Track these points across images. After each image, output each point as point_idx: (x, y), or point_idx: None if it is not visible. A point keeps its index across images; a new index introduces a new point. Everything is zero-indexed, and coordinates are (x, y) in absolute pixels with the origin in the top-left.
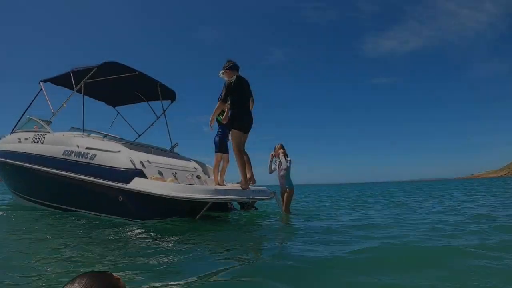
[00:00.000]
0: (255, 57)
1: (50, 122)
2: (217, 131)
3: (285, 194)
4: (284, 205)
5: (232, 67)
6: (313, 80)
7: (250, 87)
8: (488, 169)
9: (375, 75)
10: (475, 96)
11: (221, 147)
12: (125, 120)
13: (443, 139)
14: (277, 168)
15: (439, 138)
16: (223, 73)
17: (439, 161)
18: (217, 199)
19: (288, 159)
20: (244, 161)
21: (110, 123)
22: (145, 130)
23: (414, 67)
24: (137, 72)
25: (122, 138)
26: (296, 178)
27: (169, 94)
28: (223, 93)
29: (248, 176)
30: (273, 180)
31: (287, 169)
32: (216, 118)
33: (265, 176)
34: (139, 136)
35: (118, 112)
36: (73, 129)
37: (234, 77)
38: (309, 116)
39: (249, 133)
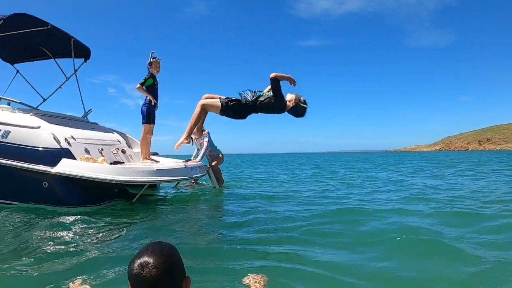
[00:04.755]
0: (168, 8)
1: None
2: (145, 99)
3: (215, 162)
4: (216, 165)
5: None
6: (235, 39)
7: None
8: (419, 144)
9: (305, 37)
10: (411, 67)
11: (149, 117)
12: (27, 81)
13: (372, 111)
14: (201, 149)
15: (367, 109)
16: None
17: (366, 133)
18: (162, 180)
19: (206, 131)
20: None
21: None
22: (52, 94)
23: (348, 30)
24: (49, 26)
25: (31, 106)
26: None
27: (82, 52)
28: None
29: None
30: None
31: (209, 144)
32: (145, 85)
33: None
34: (44, 100)
35: (18, 71)
36: None
37: None
38: (225, 81)
39: None
